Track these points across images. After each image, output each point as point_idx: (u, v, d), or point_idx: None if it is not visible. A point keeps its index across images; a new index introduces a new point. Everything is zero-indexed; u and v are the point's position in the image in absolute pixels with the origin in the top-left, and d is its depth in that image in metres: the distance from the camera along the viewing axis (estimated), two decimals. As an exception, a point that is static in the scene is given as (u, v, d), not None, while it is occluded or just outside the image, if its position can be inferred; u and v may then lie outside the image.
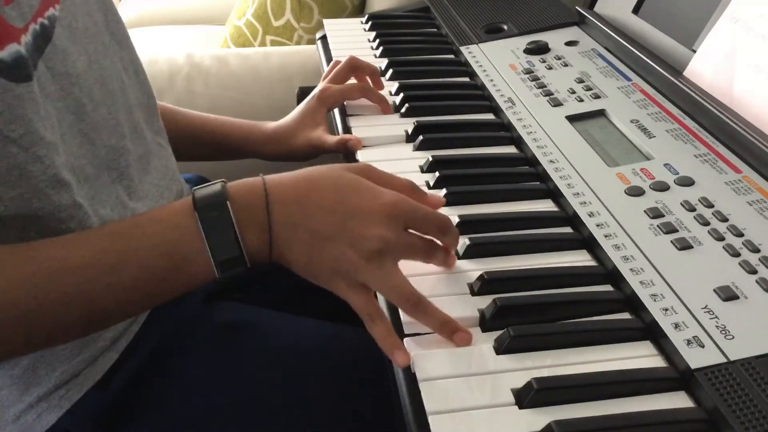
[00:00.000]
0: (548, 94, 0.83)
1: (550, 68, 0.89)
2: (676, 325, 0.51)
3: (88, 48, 0.62)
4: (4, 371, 0.58)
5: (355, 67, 0.86)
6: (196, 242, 0.52)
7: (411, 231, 0.55)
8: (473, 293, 0.56)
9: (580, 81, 0.84)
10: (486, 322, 0.54)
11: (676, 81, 0.77)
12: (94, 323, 0.54)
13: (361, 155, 0.76)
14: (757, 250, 0.56)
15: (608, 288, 0.57)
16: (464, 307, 0.55)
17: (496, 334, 0.52)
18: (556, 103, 0.81)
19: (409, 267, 0.59)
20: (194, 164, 0.87)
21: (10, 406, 0.59)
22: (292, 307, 0.77)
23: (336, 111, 0.86)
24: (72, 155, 0.58)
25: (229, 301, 0.74)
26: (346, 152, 0.79)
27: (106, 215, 0.60)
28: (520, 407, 0.47)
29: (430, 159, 0.73)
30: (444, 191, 0.67)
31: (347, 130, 0.81)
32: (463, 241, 0.61)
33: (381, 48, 1.00)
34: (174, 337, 0.66)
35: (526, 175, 0.72)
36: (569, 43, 0.94)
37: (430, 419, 0.46)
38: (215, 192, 0.53)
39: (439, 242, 0.57)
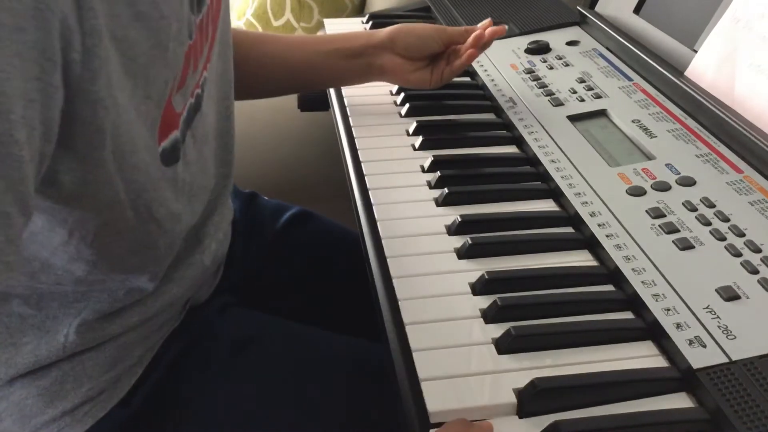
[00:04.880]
0: (549, 93, 0.83)
1: (552, 68, 0.89)
2: (678, 325, 0.51)
3: (216, 98, 0.62)
4: (31, 381, 0.57)
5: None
6: None
7: None
8: (474, 293, 0.56)
9: (582, 81, 0.84)
10: (487, 322, 0.53)
11: (677, 81, 0.77)
12: None
13: (363, 156, 0.75)
14: (758, 250, 0.56)
15: (610, 288, 0.57)
16: (465, 307, 0.55)
17: (498, 333, 0.52)
18: (558, 103, 0.81)
19: (410, 266, 0.59)
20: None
21: (32, 417, 0.57)
22: (309, 318, 0.77)
23: (337, 110, 0.86)
24: (193, 214, 0.59)
25: (247, 309, 0.74)
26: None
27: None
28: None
29: (432, 159, 0.73)
30: (445, 191, 0.67)
31: (348, 130, 0.81)
32: (464, 241, 0.61)
33: (382, 48, 1.00)
34: (192, 350, 0.66)
35: (528, 174, 0.72)
36: (570, 43, 0.94)
37: (432, 418, 0.46)
38: None
39: None
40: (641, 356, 0.51)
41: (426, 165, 0.73)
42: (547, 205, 0.67)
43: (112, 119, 0.43)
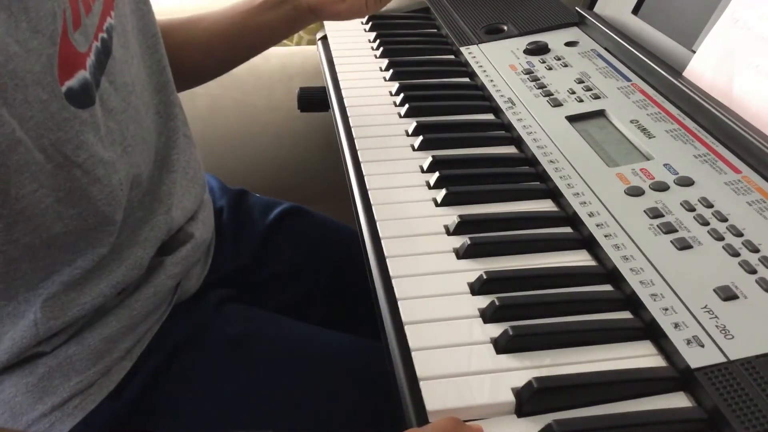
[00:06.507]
0: (548, 94, 0.83)
1: (550, 69, 0.89)
2: (676, 325, 0.51)
3: (133, 46, 0.61)
4: (19, 378, 0.58)
5: None
6: None
7: None
8: (473, 293, 0.57)
9: (580, 81, 0.84)
10: (486, 322, 0.54)
11: (675, 81, 0.77)
12: None
13: (362, 156, 0.76)
14: (756, 250, 0.56)
15: (608, 288, 0.57)
16: (464, 307, 0.55)
17: (496, 333, 0.52)
18: (556, 104, 0.81)
19: (409, 266, 0.59)
20: (213, 163, 0.85)
21: (23, 414, 0.58)
22: (305, 314, 0.76)
23: (336, 110, 0.86)
24: (133, 165, 0.59)
25: (242, 304, 0.74)
26: None
27: (132, 214, 0.61)
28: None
29: (431, 159, 0.73)
30: (444, 191, 0.67)
31: (348, 130, 0.81)
32: (463, 241, 0.61)
33: (381, 48, 1.00)
34: (186, 345, 0.66)
35: (526, 175, 0.72)
36: (569, 44, 0.94)
37: (430, 418, 0.46)
38: None
39: None
40: (639, 356, 0.51)
41: (425, 165, 0.73)
42: (546, 205, 0.68)
43: None
